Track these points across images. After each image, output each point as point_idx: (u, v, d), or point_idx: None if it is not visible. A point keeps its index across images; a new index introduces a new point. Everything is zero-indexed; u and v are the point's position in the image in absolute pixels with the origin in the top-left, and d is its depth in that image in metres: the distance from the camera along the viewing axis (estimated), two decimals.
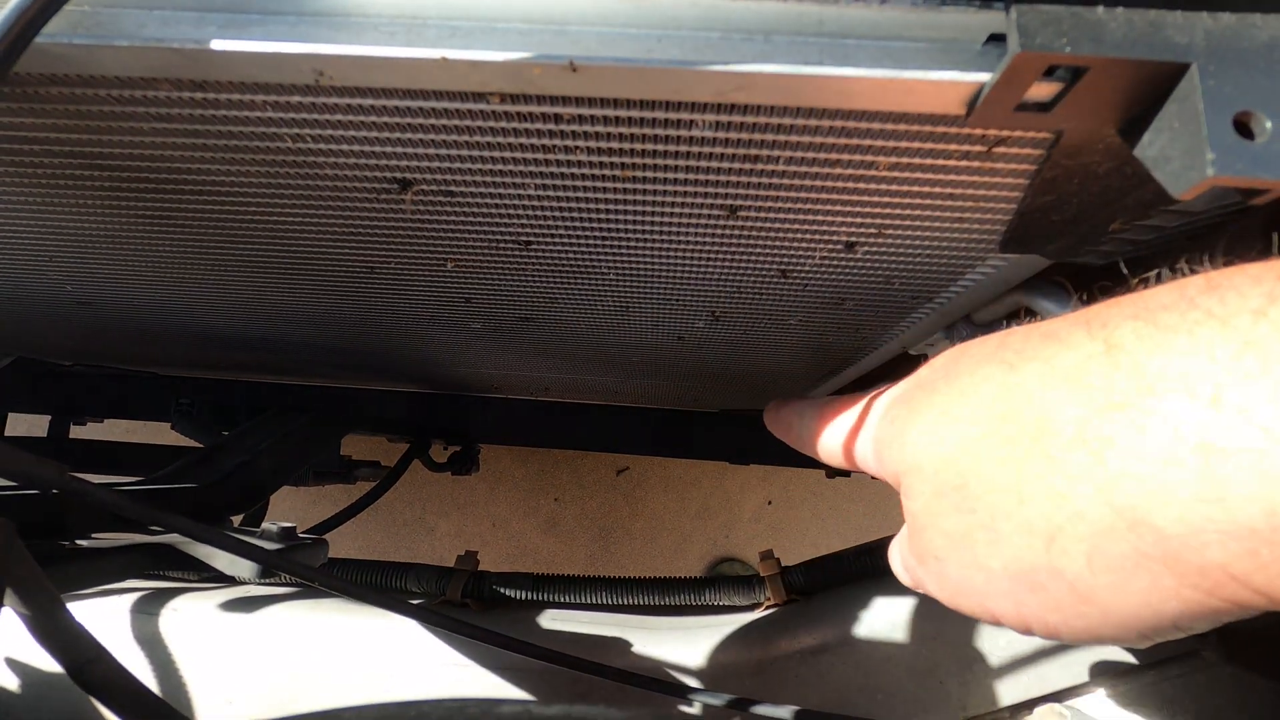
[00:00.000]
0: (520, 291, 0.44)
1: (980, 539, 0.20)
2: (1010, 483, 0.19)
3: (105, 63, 0.23)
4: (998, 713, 0.50)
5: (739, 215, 0.31)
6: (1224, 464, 0.15)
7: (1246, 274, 0.17)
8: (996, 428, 0.20)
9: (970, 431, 0.21)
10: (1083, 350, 0.19)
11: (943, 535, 0.22)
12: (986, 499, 0.20)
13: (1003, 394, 0.20)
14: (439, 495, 1.64)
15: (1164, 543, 0.16)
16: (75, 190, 0.33)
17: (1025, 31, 0.19)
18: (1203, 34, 0.19)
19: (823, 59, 0.22)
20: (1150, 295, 0.18)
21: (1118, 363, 0.18)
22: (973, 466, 0.20)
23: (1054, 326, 0.21)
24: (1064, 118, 0.21)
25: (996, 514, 0.20)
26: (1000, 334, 0.23)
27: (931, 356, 0.49)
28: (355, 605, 0.55)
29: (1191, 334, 0.16)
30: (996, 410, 0.20)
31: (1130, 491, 0.17)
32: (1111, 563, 0.17)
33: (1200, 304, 0.17)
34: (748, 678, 0.52)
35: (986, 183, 0.27)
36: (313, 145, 0.28)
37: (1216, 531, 0.15)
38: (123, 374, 0.89)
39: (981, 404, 0.21)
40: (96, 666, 0.25)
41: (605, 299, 0.44)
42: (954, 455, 0.21)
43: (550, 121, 0.25)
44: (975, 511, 0.20)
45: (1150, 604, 0.17)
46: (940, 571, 0.23)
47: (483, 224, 0.34)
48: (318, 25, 0.23)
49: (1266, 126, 0.18)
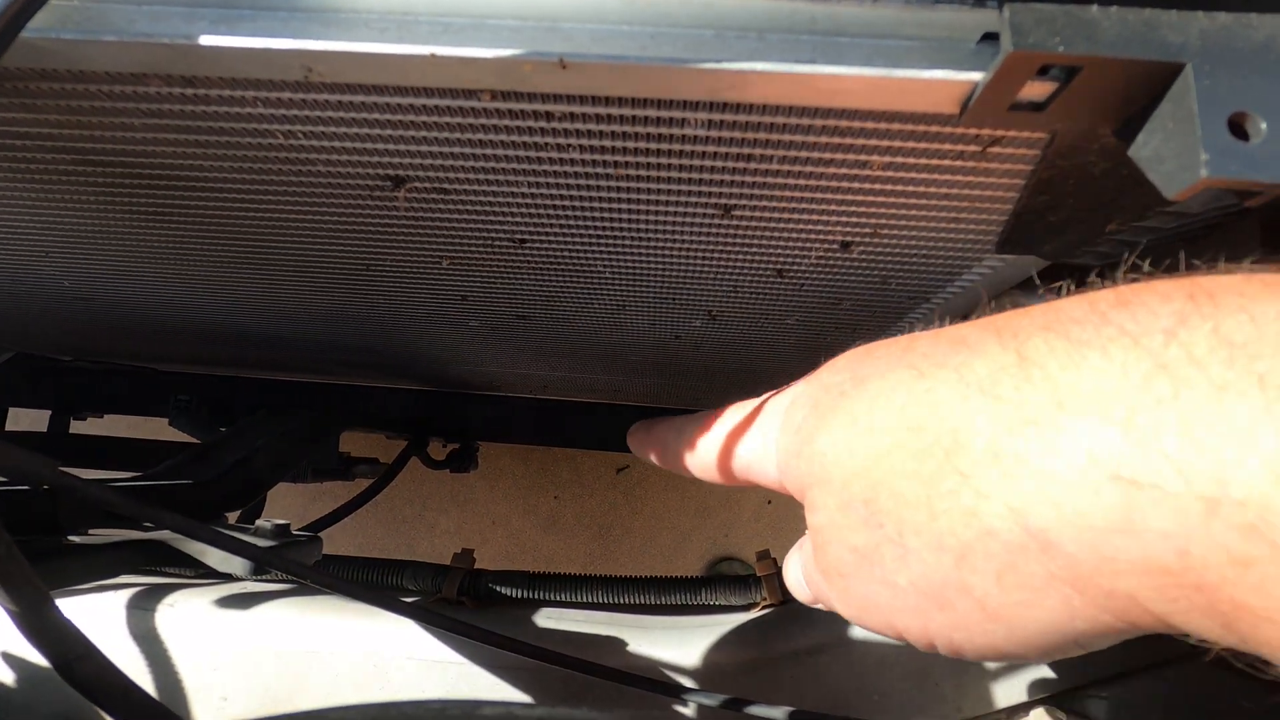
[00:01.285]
0: (516, 289, 0.44)
1: (888, 554, 0.20)
2: (920, 497, 0.19)
3: (94, 58, 0.23)
4: (994, 715, 0.50)
5: (733, 214, 0.31)
6: (1137, 496, 0.15)
7: (1156, 291, 0.16)
8: (906, 439, 0.19)
9: (880, 442, 0.20)
10: (994, 360, 0.18)
11: (849, 550, 0.21)
12: (895, 513, 0.19)
13: (912, 402, 0.19)
14: (439, 492, 1.64)
15: (1074, 568, 0.16)
16: (68, 186, 0.33)
17: (1018, 30, 0.19)
18: (1198, 34, 0.19)
19: (816, 57, 0.21)
20: (1060, 307, 0.18)
21: (1030, 375, 0.17)
22: (883, 479, 0.20)
23: (963, 332, 0.20)
24: (1058, 118, 0.21)
25: (905, 529, 0.19)
26: (907, 336, 0.22)
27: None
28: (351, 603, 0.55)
29: (1105, 351, 0.16)
30: (906, 420, 0.19)
31: (1044, 515, 0.16)
32: (1022, 581, 0.17)
33: (1112, 319, 0.16)
34: (743, 678, 0.52)
35: (981, 183, 0.27)
36: (304, 142, 0.28)
37: (1129, 564, 0.15)
38: (122, 370, 0.89)
39: (891, 412, 0.20)
40: (85, 663, 0.25)
41: (601, 297, 0.44)
42: (864, 467, 0.20)
43: (542, 119, 0.25)
44: (883, 526, 0.20)
45: (1057, 623, 0.17)
46: (845, 588, 0.22)
47: (477, 222, 0.34)
48: (309, 21, 0.23)
49: (1261, 127, 0.18)
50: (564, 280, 0.41)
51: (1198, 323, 0.15)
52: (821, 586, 0.24)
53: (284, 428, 0.58)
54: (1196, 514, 0.14)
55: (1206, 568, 0.14)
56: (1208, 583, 0.14)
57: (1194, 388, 0.14)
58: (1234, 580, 0.14)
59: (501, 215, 0.33)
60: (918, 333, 0.22)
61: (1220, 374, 0.14)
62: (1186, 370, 0.15)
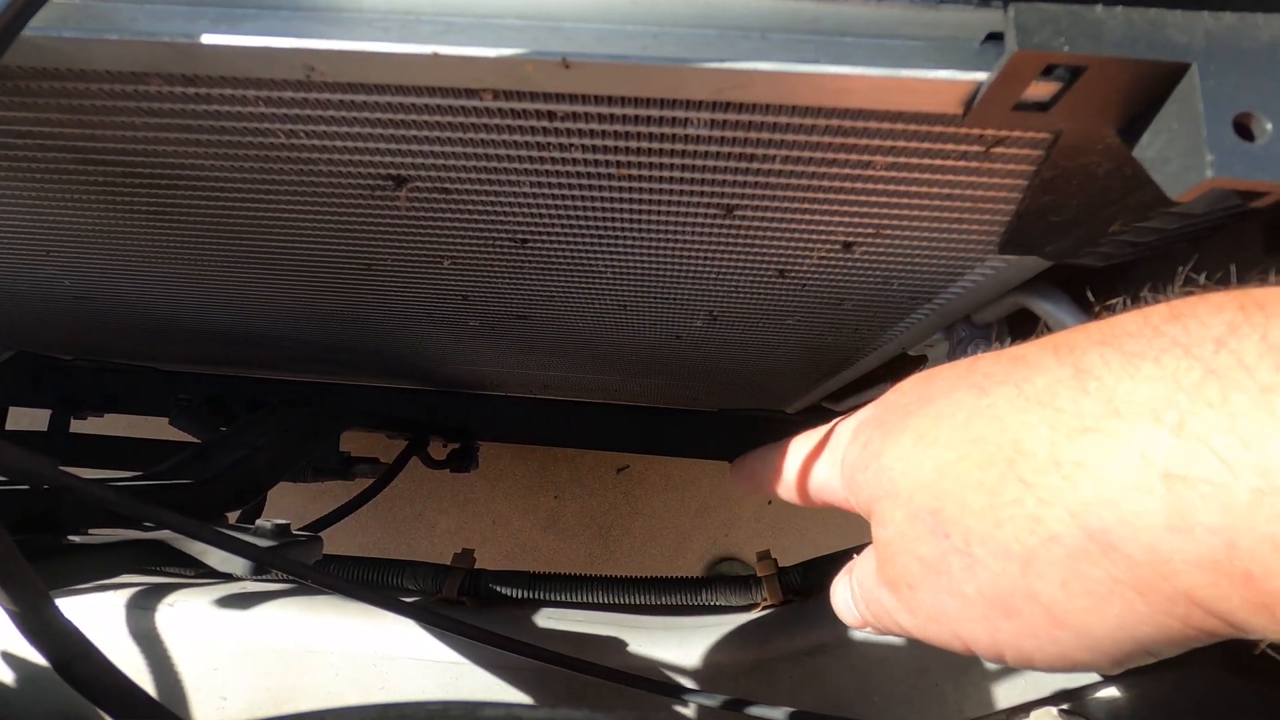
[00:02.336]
0: (518, 289, 0.44)
1: (955, 564, 0.20)
2: (985, 506, 0.19)
3: (96, 56, 0.23)
4: (993, 716, 0.50)
5: (735, 214, 0.31)
6: (1189, 493, 0.15)
7: (1209, 303, 0.17)
8: (970, 451, 0.20)
9: (946, 455, 0.21)
10: (1052, 374, 0.19)
11: (917, 560, 0.22)
12: (962, 523, 0.20)
13: (975, 416, 0.20)
14: (439, 492, 1.64)
15: (1135, 569, 0.17)
16: (69, 185, 0.33)
17: (1023, 30, 0.19)
18: (1203, 34, 0.19)
19: (819, 57, 0.21)
20: (1116, 322, 0.19)
21: (1086, 387, 0.18)
22: (949, 490, 0.20)
23: (1022, 351, 0.21)
24: (1062, 118, 0.21)
25: (972, 538, 0.20)
26: (969, 359, 0.23)
27: (931, 357, 0.48)
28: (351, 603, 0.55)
29: (1158, 361, 0.17)
30: (970, 433, 0.20)
31: (1102, 517, 0.17)
32: (1086, 587, 0.18)
33: (1165, 331, 0.17)
34: (743, 678, 0.52)
35: (985, 183, 0.27)
36: (306, 141, 0.28)
37: (1184, 562, 0.16)
38: (122, 369, 0.89)
39: (956, 427, 0.21)
40: (83, 662, 0.25)
41: (603, 297, 0.44)
42: (930, 480, 0.21)
43: (545, 119, 0.25)
44: (949, 536, 0.20)
45: (1125, 629, 0.18)
46: (912, 599, 0.22)
47: (479, 221, 0.34)
48: (311, 20, 0.22)
49: (1267, 128, 0.18)
50: (565, 280, 0.41)
51: (1247, 331, 0.16)
52: (882, 604, 0.24)
53: (284, 427, 0.58)
54: (1244, 506, 0.15)
55: (1253, 558, 0.15)
56: (1255, 573, 0.15)
57: (1243, 390, 0.15)
58: (1278, 569, 0.14)
59: (503, 215, 0.33)
60: (980, 354, 0.23)
61: (1268, 377, 0.15)
62: (1236, 375, 0.15)
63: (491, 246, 0.37)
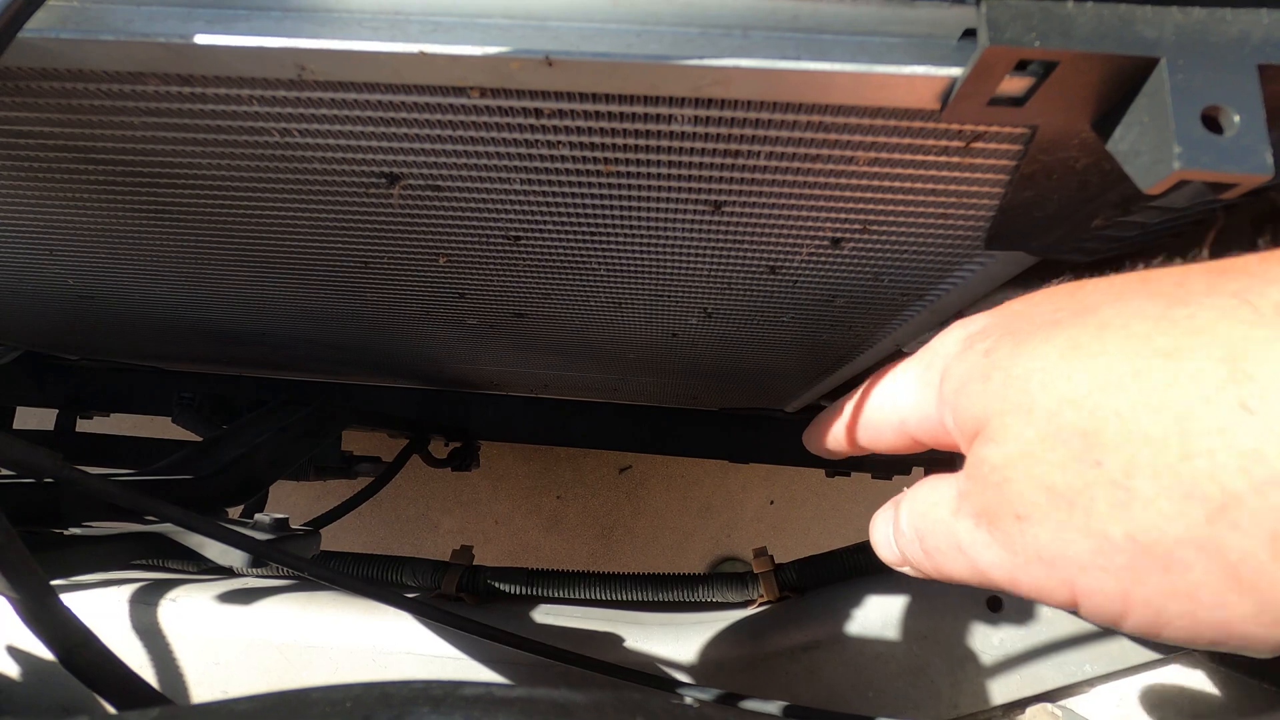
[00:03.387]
0: (513, 287, 0.44)
1: (1101, 498, 0.17)
2: (1169, 434, 0.16)
3: (93, 57, 0.24)
4: (989, 712, 0.50)
5: (724, 210, 0.32)
6: None
7: None
8: (1155, 365, 0.16)
9: (1117, 368, 0.17)
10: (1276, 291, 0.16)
11: (1042, 489, 0.18)
12: (1124, 450, 0.16)
13: (1165, 329, 0.17)
14: (442, 492, 1.65)
15: None
16: (69, 184, 0.34)
17: (995, 26, 0.19)
18: (1172, 28, 0.19)
19: (799, 54, 0.22)
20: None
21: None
22: (1114, 408, 0.17)
23: (1231, 263, 0.18)
24: (1038, 112, 0.21)
25: (1137, 470, 0.16)
26: (1139, 272, 0.20)
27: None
28: (351, 599, 0.55)
29: None
30: (1156, 345, 0.17)
31: None
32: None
33: None
34: (739, 674, 0.52)
35: (967, 178, 0.27)
36: (300, 139, 0.28)
37: None
38: (127, 368, 0.90)
39: (1133, 337, 0.17)
40: (85, 651, 0.26)
41: (597, 295, 0.45)
42: (1085, 395, 0.17)
43: (531, 116, 0.26)
44: (1102, 464, 0.17)
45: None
46: (1019, 534, 0.19)
47: (471, 219, 0.34)
48: (302, 20, 0.23)
49: (1234, 120, 0.18)
50: (559, 277, 0.42)
51: None
52: (955, 538, 0.21)
53: (284, 424, 0.59)
54: None
55: None
56: None
57: None
58: None
59: (494, 212, 0.33)
60: (1143, 270, 0.20)
61: None
62: None
63: (485, 244, 0.37)
